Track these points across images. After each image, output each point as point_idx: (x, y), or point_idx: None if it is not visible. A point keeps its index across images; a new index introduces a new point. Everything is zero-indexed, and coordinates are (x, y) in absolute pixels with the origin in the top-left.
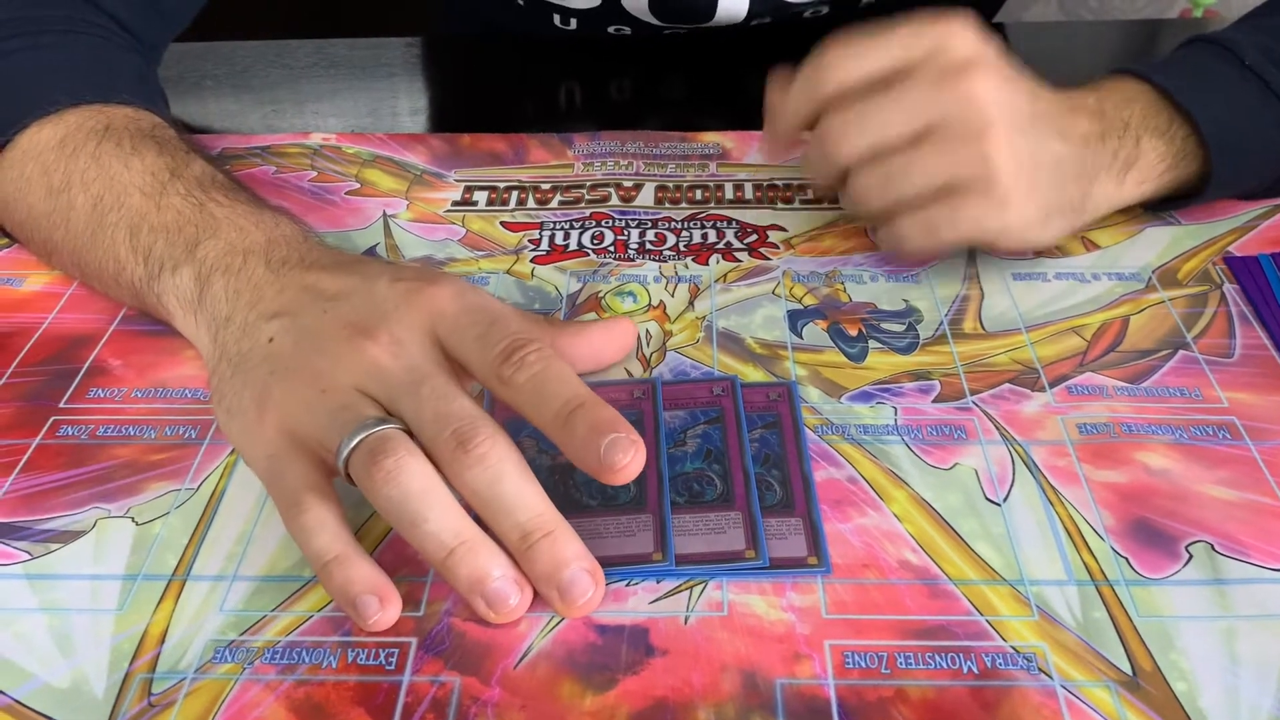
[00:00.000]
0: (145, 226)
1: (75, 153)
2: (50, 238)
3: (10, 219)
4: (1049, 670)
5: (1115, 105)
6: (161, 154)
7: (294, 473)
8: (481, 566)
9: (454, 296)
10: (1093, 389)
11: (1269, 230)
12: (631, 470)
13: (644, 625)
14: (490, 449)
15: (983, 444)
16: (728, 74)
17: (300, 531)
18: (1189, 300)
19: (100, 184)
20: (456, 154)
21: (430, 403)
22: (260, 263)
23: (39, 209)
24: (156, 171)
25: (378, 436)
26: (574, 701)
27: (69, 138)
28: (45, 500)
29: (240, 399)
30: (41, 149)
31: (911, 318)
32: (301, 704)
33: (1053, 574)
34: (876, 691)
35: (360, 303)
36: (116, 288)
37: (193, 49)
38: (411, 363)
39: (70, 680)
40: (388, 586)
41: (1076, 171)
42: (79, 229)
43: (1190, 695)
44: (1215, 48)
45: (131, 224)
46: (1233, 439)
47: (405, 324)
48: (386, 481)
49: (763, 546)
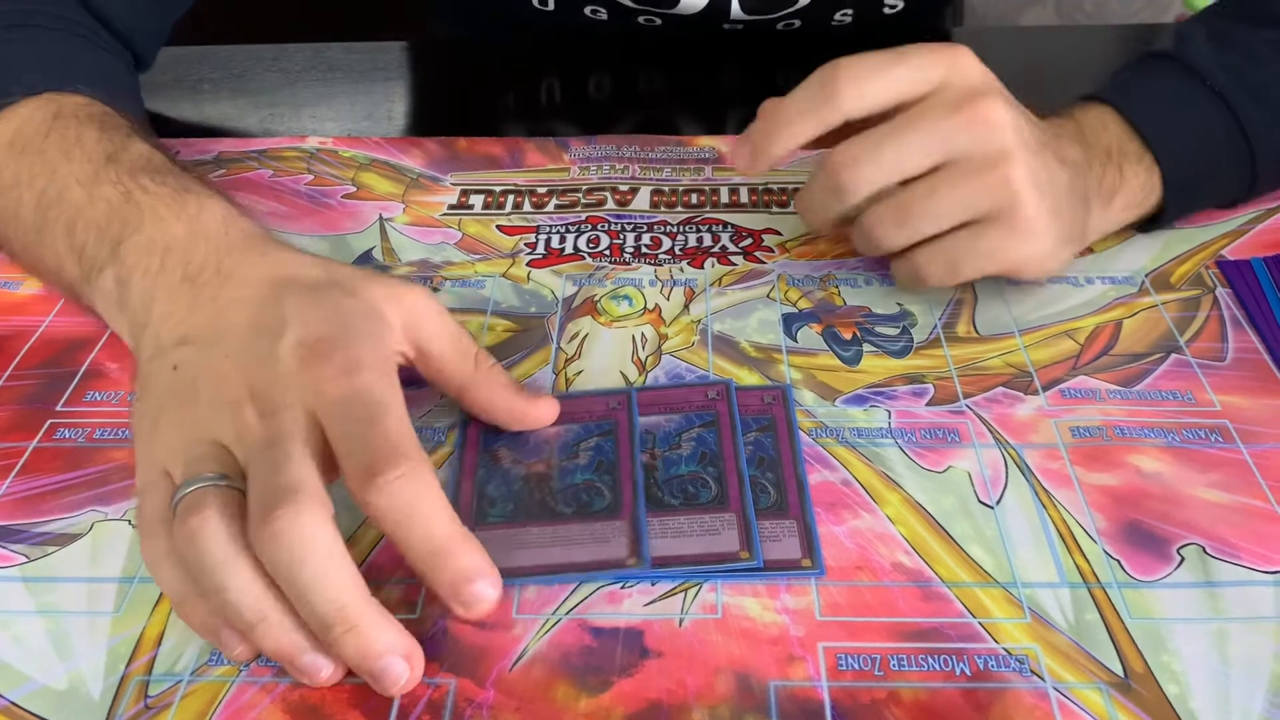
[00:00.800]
0: (80, 222)
1: (24, 149)
2: (4, 233)
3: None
4: (1041, 672)
5: (1094, 132)
6: (101, 138)
7: (152, 504)
8: (286, 644)
9: (343, 376)
10: (1085, 392)
11: (1262, 234)
12: (486, 608)
13: (639, 627)
14: (290, 525)
15: (976, 447)
16: (722, 80)
17: (148, 562)
18: (1182, 304)
19: (44, 178)
20: (453, 157)
21: (263, 470)
22: (178, 267)
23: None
24: (94, 157)
25: (195, 493)
26: (569, 703)
27: (19, 132)
28: (42, 503)
29: (141, 422)
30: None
31: (905, 321)
32: (297, 706)
33: (1045, 576)
34: (870, 693)
35: (259, 355)
36: (63, 287)
37: (189, 52)
38: (274, 432)
39: (67, 682)
40: (230, 632)
41: (1079, 196)
42: (26, 226)
43: (1182, 697)
44: (1179, 67)
45: (68, 219)
46: (1225, 442)
47: (289, 395)
48: (186, 540)
49: (757, 548)
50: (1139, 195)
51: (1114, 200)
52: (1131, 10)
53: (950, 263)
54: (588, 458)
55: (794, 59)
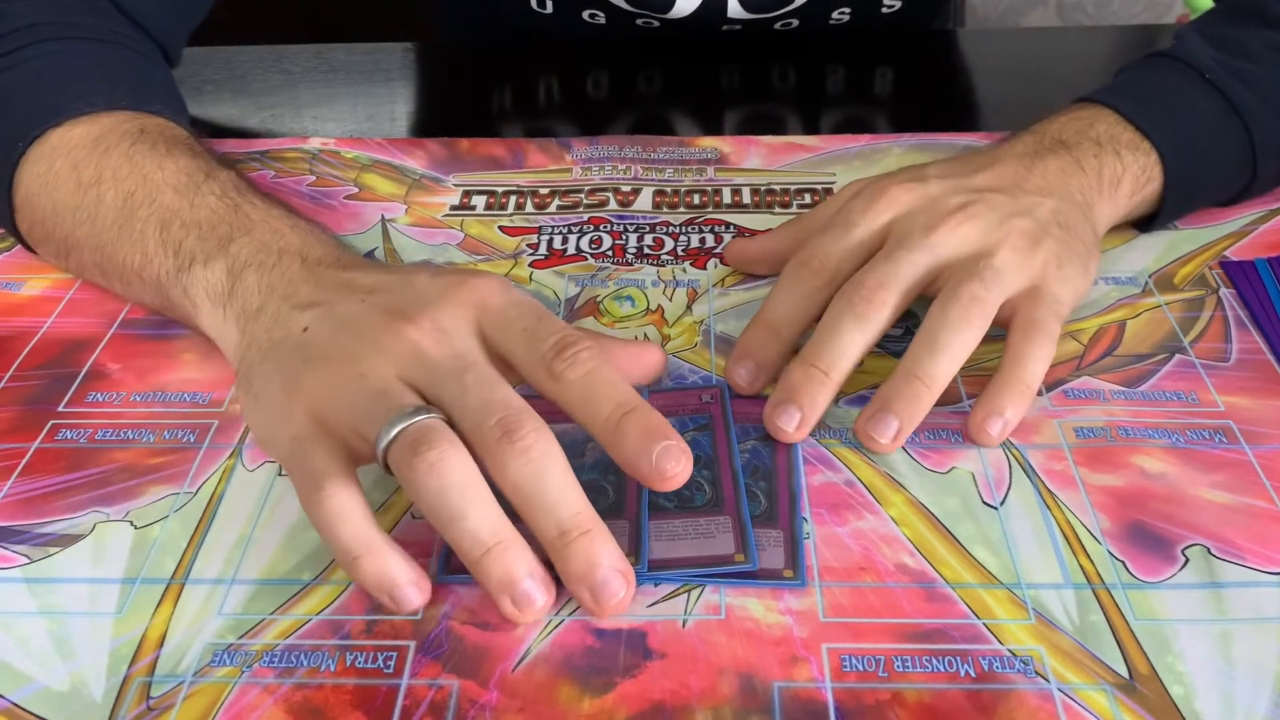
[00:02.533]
0: (177, 222)
1: (109, 150)
2: (73, 233)
3: (31, 214)
4: (1046, 673)
5: (1076, 131)
6: (195, 159)
7: (319, 456)
8: (515, 568)
9: (499, 290)
10: (1089, 393)
11: (1266, 235)
12: (681, 478)
13: (642, 629)
14: (535, 442)
15: (980, 448)
16: (721, 80)
17: (324, 518)
18: (1185, 305)
19: (133, 180)
20: (455, 158)
21: (475, 391)
22: (295, 260)
23: (65, 203)
24: (191, 173)
25: (420, 427)
26: (572, 705)
27: (103, 137)
28: (44, 504)
29: (269, 383)
30: (73, 145)
31: (909, 322)
32: (300, 707)
33: (1049, 577)
34: (874, 694)
35: (401, 292)
36: (139, 283)
37: (192, 54)
38: (455, 350)
39: (69, 684)
40: (420, 574)
41: (1077, 213)
42: (106, 223)
43: (1186, 698)
44: (1174, 63)
45: (163, 219)
46: (1229, 443)
47: (449, 313)
48: (429, 474)
49: (752, 550)
50: (1142, 180)
51: (1120, 186)
52: (1134, 11)
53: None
54: (593, 457)
55: (792, 58)
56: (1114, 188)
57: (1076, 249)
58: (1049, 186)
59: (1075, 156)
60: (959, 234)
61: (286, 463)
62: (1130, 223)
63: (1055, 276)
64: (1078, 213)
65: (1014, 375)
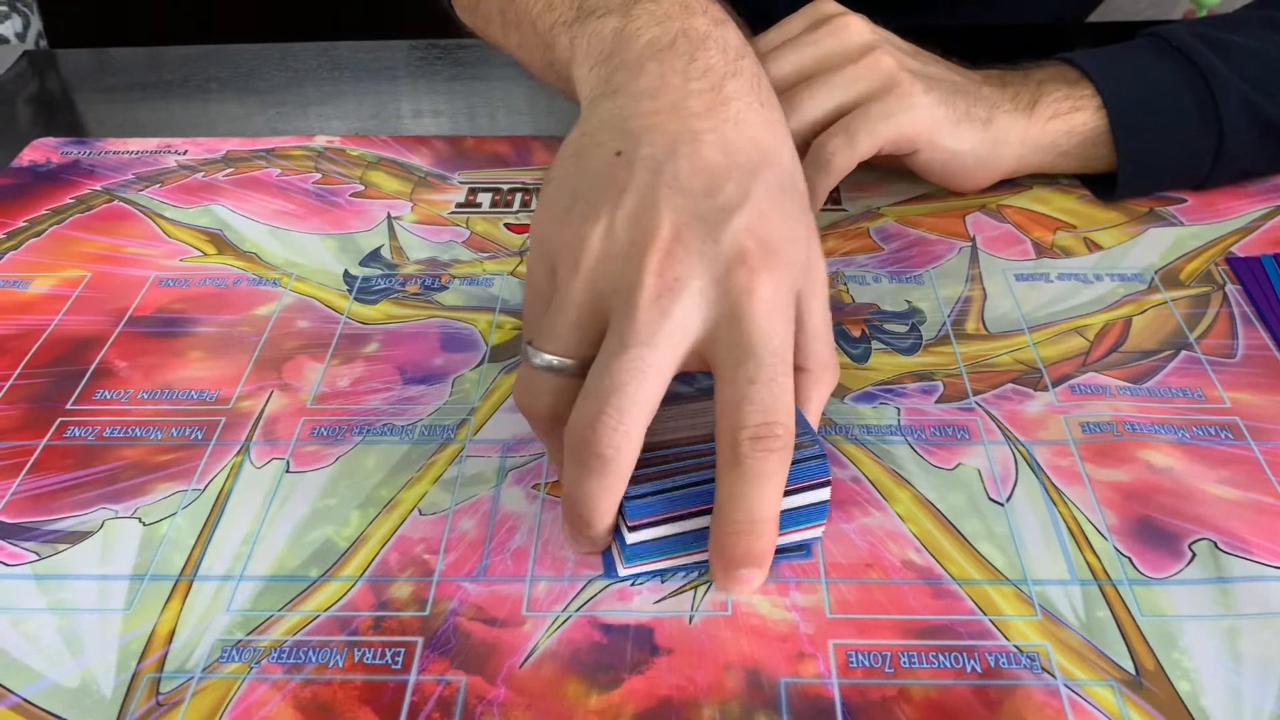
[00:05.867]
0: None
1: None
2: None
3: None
4: (1052, 669)
5: (1021, 73)
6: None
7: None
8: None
9: (779, 285)
10: (1095, 389)
11: (1272, 230)
12: (748, 590)
13: (649, 625)
14: None
15: (986, 444)
16: None
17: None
18: (1192, 301)
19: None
20: (460, 156)
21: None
22: (685, 55)
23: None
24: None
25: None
26: (579, 700)
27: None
28: (53, 501)
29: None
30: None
31: (914, 319)
32: (308, 703)
33: (1056, 573)
34: (880, 691)
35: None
36: (533, 35)
37: (198, 52)
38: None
39: (79, 680)
40: None
41: (974, 94)
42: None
43: (1193, 694)
44: (1148, 36)
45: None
46: (1235, 439)
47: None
48: None
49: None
50: (1064, 106)
51: (1034, 110)
52: (1139, 7)
53: (846, 131)
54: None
55: None
56: (1028, 108)
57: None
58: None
59: (1003, 81)
60: None
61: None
62: (1106, 177)
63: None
64: (963, 90)
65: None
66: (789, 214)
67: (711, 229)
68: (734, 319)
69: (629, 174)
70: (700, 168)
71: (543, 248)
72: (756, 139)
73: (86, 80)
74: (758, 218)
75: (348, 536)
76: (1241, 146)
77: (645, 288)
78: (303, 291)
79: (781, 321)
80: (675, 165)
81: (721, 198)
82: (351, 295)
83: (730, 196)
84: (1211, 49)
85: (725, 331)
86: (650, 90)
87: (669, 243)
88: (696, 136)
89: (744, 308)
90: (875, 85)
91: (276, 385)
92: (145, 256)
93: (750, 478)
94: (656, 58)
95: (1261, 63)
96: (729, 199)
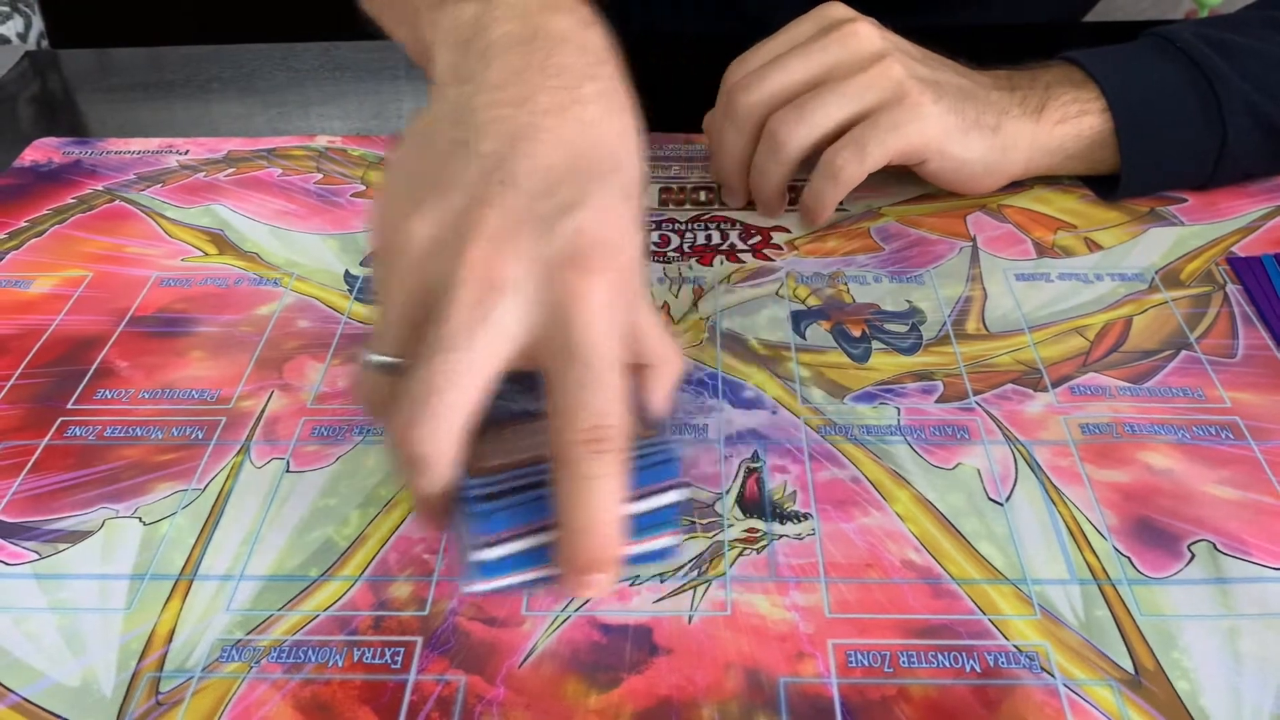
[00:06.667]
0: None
1: None
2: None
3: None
4: (1051, 669)
5: (1028, 75)
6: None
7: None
8: None
9: (611, 288)
10: (1095, 389)
11: (1273, 231)
12: (601, 593)
13: (648, 624)
14: None
15: (985, 444)
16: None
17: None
18: (1192, 301)
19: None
20: None
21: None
22: (538, 57)
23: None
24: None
25: None
26: (579, 700)
27: None
28: (53, 501)
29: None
30: None
31: (915, 318)
32: (308, 703)
33: (1055, 573)
34: (879, 690)
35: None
36: (404, 10)
37: (199, 52)
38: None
39: (80, 679)
40: None
41: (982, 100)
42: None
43: (1192, 694)
44: (1152, 36)
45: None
46: (1235, 439)
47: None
48: None
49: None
50: (1071, 110)
51: (1042, 114)
52: (1141, 7)
53: (857, 143)
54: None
55: None
56: (1035, 112)
57: None
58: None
59: (1011, 83)
60: None
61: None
62: (1108, 177)
63: None
64: (973, 96)
65: None
66: (624, 220)
67: (542, 229)
68: (562, 322)
69: (464, 167)
70: (539, 167)
71: (373, 239)
72: (603, 143)
73: (88, 80)
74: (592, 220)
75: (347, 536)
76: (1244, 147)
77: (466, 287)
78: (304, 291)
79: (612, 324)
80: (513, 162)
81: (556, 198)
82: (352, 295)
83: (565, 198)
84: (1214, 50)
85: (553, 334)
86: (499, 82)
87: (496, 242)
88: (539, 134)
89: (573, 311)
90: (885, 95)
91: (277, 385)
92: (146, 256)
93: (584, 480)
94: (512, 50)
95: (1264, 63)
96: (563, 200)
